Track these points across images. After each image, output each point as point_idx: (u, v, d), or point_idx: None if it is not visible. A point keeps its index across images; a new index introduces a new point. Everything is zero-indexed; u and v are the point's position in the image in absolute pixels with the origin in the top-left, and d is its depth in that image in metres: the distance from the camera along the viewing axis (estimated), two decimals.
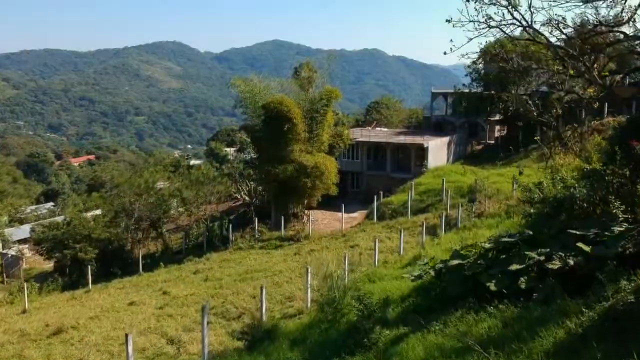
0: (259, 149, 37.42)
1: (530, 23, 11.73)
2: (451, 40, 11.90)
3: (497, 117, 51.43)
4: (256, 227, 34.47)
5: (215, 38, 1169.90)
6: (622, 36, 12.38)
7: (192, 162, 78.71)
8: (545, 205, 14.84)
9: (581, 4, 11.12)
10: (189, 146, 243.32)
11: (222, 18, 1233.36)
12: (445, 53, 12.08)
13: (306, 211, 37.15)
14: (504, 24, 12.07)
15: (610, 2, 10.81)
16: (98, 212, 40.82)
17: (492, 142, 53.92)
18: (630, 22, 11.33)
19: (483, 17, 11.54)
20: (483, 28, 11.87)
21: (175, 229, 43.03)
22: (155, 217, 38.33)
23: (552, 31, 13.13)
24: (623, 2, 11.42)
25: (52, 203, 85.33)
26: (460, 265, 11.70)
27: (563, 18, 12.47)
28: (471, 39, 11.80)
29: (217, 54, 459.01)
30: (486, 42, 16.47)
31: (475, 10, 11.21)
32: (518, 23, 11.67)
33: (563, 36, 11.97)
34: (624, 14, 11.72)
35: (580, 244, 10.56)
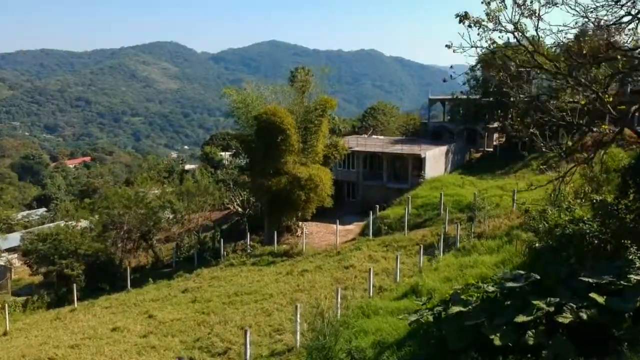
0: (252, 160, 36.36)
1: (537, 48, 10.81)
2: (451, 66, 11.02)
3: (495, 125, 50.48)
4: (248, 242, 33.49)
5: (212, 38, 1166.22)
6: (636, 61, 11.48)
7: (187, 166, 77.52)
8: (550, 237, 13.90)
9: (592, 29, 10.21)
10: (186, 147, 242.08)
11: (219, 18, 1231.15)
12: (444, 80, 11.16)
13: (300, 223, 36.12)
14: (509, 48, 11.20)
15: (630, 29, 9.89)
16: (87, 223, 39.71)
17: (491, 149, 53.02)
18: None
19: (486, 41, 10.60)
20: (486, 53, 10.98)
21: (166, 238, 41.98)
22: (145, 229, 37.31)
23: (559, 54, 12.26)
24: (635, 27, 10.57)
25: (45, 208, 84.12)
26: (461, 313, 10.74)
27: (571, 41, 11.59)
28: (473, 65, 10.89)
29: (214, 54, 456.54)
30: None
31: (478, 35, 10.25)
32: (524, 49, 10.75)
33: (573, 62, 11.03)
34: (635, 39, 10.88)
35: (593, 294, 9.63)
